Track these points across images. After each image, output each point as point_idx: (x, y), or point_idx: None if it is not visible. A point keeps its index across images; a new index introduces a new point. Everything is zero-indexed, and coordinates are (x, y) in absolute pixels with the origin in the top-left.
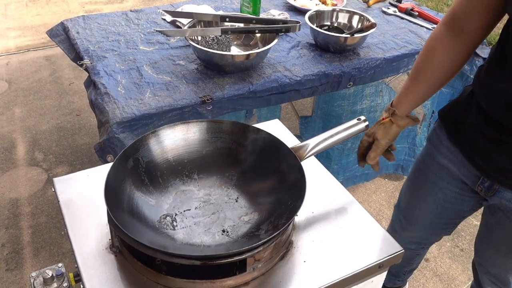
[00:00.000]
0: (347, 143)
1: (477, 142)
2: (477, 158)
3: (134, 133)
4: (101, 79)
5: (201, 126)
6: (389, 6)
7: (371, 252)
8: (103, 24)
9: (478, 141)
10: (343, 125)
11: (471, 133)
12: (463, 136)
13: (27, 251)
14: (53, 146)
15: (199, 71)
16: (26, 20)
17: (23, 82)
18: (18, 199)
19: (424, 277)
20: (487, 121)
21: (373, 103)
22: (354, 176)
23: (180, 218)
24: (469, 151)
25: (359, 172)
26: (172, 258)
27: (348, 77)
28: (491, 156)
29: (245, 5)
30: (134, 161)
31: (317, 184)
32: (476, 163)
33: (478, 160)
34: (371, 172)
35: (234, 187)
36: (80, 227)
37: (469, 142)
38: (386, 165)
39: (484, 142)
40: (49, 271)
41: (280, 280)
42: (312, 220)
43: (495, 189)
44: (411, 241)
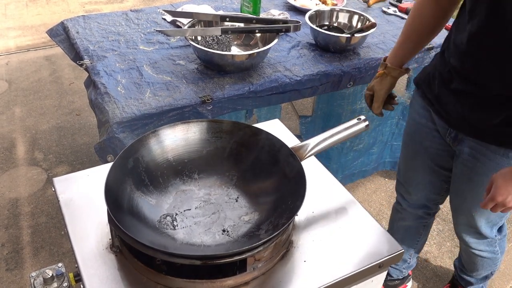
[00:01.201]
0: (346, 142)
1: (443, 96)
2: (443, 111)
3: (134, 133)
4: (101, 79)
5: (201, 126)
6: (389, 6)
7: (371, 252)
8: (103, 24)
9: (444, 95)
10: (343, 125)
11: (438, 89)
12: (432, 93)
13: (27, 251)
14: (53, 146)
15: (199, 71)
16: (26, 20)
17: (23, 82)
18: (18, 199)
19: (424, 277)
20: (450, 74)
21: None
22: (352, 173)
23: (180, 218)
24: (436, 105)
25: (356, 170)
26: (172, 258)
27: (348, 77)
28: (454, 107)
29: (245, 5)
30: (134, 161)
31: (317, 184)
32: (442, 116)
33: (443, 112)
34: (369, 169)
35: (234, 187)
36: (80, 227)
37: (437, 98)
38: (383, 162)
39: (449, 95)
40: (49, 271)
41: (280, 280)
42: (312, 220)
43: (459, 139)
44: (418, 204)
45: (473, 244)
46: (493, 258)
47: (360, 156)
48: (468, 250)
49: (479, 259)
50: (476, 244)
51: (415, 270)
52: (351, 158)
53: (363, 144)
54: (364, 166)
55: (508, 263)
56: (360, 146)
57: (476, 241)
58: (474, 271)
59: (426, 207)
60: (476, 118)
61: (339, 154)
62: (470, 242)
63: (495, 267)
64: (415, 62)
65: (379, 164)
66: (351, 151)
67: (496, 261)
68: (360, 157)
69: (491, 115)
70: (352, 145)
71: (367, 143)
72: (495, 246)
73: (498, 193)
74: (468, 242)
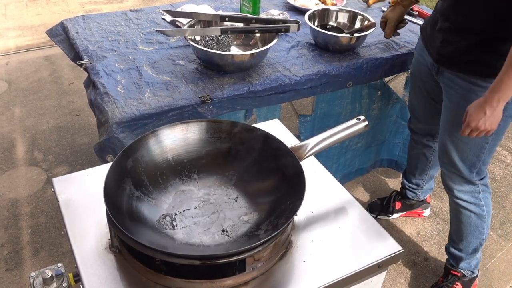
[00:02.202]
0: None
1: (432, 36)
2: (431, 48)
3: (133, 133)
4: (100, 79)
5: (200, 126)
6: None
7: (370, 252)
8: (103, 24)
9: (432, 34)
10: (343, 125)
11: (430, 30)
12: (428, 35)
13: (26, 251)
14: (53, 146)
15: (198, 71)
16: (26, 20)
17: (22, 82)
18: (18, 199)
19: (424, 277)
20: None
21: (371, 102)
22: (350, 172)
23: (180, 218)
24: (429, 44)
25: (354, 168)
26: (171, 258)
27: (348, 77)
28: (435, 43)
29: (245, 4)
30: (133, 161)
31: (316, 184)
32: (429, 51)
33: (431, 49)
34: (366, 166)
35: (234, 187)
36: (79, 227)
37: (429, 38)
38: (380, 160)
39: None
40: (48, 271)
41: (279, 279)
42: (311, 220)
43: (440, 71)
44: (422, 132)
45: (456, 191)
46: (478, 214)
47: (359, 155)
48: (454, 205)
49: (465, 214)
50: (459, 192)
51: (415, 270)
52: (350, 157)
53: (361, 143)
54: (362, 164)
55: (508, 263)
56: (359, 145)
57: (459, 186)
58: (463, 238)
59: (430, 135)
60: (446, 51)
61: (338, 154)
62: (453, 187)
63: (482, 235)
64: None
65: (376, 162)
66: (350, 150)
67: (483, 222)
68: (358, 155)
69: (456, 47)
70: (351, 144)
71: (366, 142)
72: (479, 199)
73: (471, 120)
74: (451, 186)
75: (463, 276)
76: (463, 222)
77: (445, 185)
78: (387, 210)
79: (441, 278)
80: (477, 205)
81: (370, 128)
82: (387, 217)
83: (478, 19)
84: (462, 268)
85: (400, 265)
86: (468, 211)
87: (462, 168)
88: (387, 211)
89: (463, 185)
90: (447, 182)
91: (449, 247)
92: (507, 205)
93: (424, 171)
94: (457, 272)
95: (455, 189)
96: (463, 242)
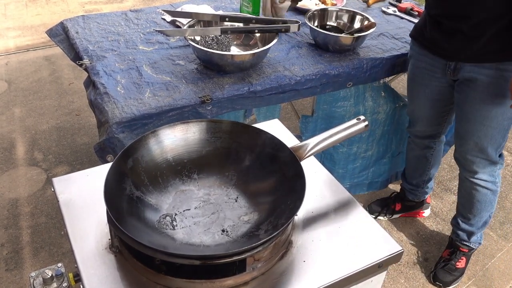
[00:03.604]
0: (352, 147)
1: (436, 38)
2: (439, 49)
3: (133, 133)
4: (100, 79)
5: (200, 126)
6: (389, 6)
7: (370, 252)
8: (103, 24)
9: (437, 36)
10: (343, 125)
11: (430, 33)
12: (428, 39)
13: (26, 251)
14: (53, 146)
15: (198, 71)
16: (25, 20)
17: (22, 82)
18: (18, 199)
19: (424, 277)
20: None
21: (376, 104)
22: (363, 183)
23: (180, 218)
24: (433, 46)
25: (368, 180)
26: (171, 258)
27: (348, 77)
28: (448, 43)
29: (245, 5)
30: (133, 161)
31: (316, 184)
32: (440, 53)
33: (440, 50)
34: (382, 180)
35: (234, 187)
36: (79, 227)
37: (431, 41)
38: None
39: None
40: (48, 271)
41: (279, 280)
42: (311, 220)
43: (458, 67)
44: (423, 135)
45: (479, 174)
46: (494, 190)
47: (371, 166)
48: (471, 185)
49: (482, 192)
50: (481, 174)
51: (415, 270)
52: (360, 166)
53: (371, 151)
54: (376, 177)
55: (508, 263)
56: (369, 153)
57: (482, 169)
58: (476, 214)
59: (430, 136)
60: (466, 45)
61: (346, 159)
62: (477, 171)
63: (493, 208)
64: None
65: (392, 176)
66: (359, 158)
67: (495, 197)
68: (371, 166)
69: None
70: (359, 151)
71: (377, 151)
72: (495, 176)
73: None
74: (475, 170)
75: (469, 250)
76: (479, 199)
77: (466, 171)
78: (387, 211)
79: (446, 251)
80: (493, 183)
81: (379, 137)
82: (387, 217)
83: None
84: (473, 242)
85: (400, 265)
86: (485, 189)
87: (491, 153)
88: (387, 212)
89: (486, 167)
90: (471, 167)
91: (458, 223)
92: (507, 205)
93: (424, 172)
94: (464, 248)
95: (479, 172)
96: (476, 217)
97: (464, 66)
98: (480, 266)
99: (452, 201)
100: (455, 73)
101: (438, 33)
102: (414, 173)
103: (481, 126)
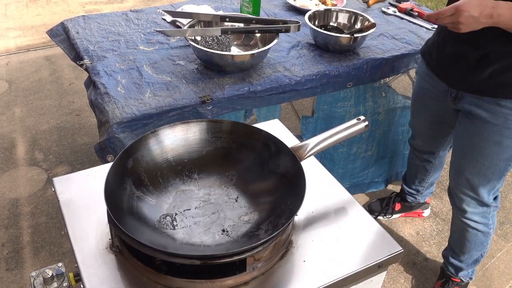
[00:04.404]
0: (352, 147)
1: (441, 61)
2: (443, 74)
3: (134, 133)
4: (101, 79)
5: (201, 126)
6: (389, 6)
7: (370, 252)
8: (103, 24)
9: (441, 59)
10: (343, 125)
11: (437, 55)
12: (434, 60)
13: (27, 251)
14: (53, 146)
15: (199, 71)
16: (26, 20)
17: (23, 82)
18: (18, 199)
19: (424, 277)
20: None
21: (376, 105)
22: (363, 183)
23: (180, 217)
24: (438, 69)
25: (368, 180)
26: (171, 258)
27: (348, 77)
28: (452, 69)
29: (245, 5)
30: (134, 161)
31: (316, 184)
32: (443, 77)
33: (444, 75)
34: (381, 180)
35: (234, 186)
36: (80, 227)
37: (437, 63)
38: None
39: (444, 59)
40: (49, 270)
41: (279, 279)
42: (311, 219)
43: (459, 97)
44: (422, 150)
45: (469, 214)
46: (485, 232)
47: (371, 166)
48: (462, 224)
49: (472, 233)
50: (472, 214)
51: (415, 270)
52: (360, 166)
53: (371, 151)
54: (376, 177)
55: (508, 263)
56: (369, 154)
57: (473, 209)
58: (466, 252)
59: (431, 152)
60: (469, 75)
61: (345, 159)
62: (467, 210)
63: (485, 248)
64: None
65: (392, 176)
66: (359, 158)
67: (488, 238)
68: (370, 166)
69: (480, 72)
70: (359, 151)
71: (377, 151)
72: (489, 218)
73: (465, 7)
74: (465, 209)
75: (461, 281)
76: (469, 239)
77: (457, 208)
78: (386, 211)
79: (438, 282)
80: (486, 225)
81: (379, 137)
82: (386, 217)
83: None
84: (461, 276)
85: (400, 265)
86: (475, 230)
87: (482, 193)
88: (386, 212)
89: (477, 207)
90: (461, 205)
91: (448, 256)
92: (506, 205)
93: (423, 180)
94: (456, 279)
95: (468, 211)
96: (465, 255)
97: (465, 96)
98: (479, 266)
99: None
100: (456, 102)
101: (443, 57)
102: (414, 179)
103: (475, 162)
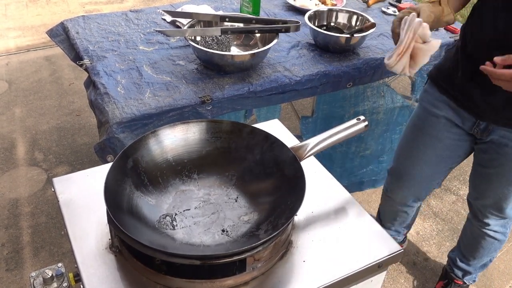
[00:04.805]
0: (351, 146)
1: (469, 90)
2: (471, 104)
3: (134, 133)
4: (100, 79)
5: (200, 126)
6: (389, 6)
7: (370, 252)
8: (103, 24)
9: (470, 89)
10: (343, 125)
11: (463, 83)
12: (456, 88)
13: (27, 251)
14: (53, 146)
15: (199, 71)
16: (26, 20)
17: (23, 82)
18: (18, 199)
19: (424, 277)
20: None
21: (375, 105)
22: (361, 181)
23: (180, 218)
24: (463, 100)
25: (366, 178)
26: (171, 258)
27: (348, 77)
28: (484, 100)
29: (245, 5)
30: (133, 161)
31: (316, 184)
32: (471, 109)
33: (472, 105)
34: (379, 178)
35: (234, 187)
36: (79, 227)
37: (462, 92)
38: None
39: (475, 89)
40: (49, 271)
41: (279, 279)
42: (311, 220)
43: (489, 129)
44: (407, 199)
45: (492, 226)
46: (501, 240)
47: (369, 164)
48: (479, 232)
49: (489, 241)
50: (494, 226)
51: (415, 270)
52: (358, 164)
53: (370, 150)
54: (374, 175)
55: (508, 263)
56: (367, 152)
57: (495, 221)
58: (477, 257)
59: (414, 200)
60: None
61: (343, 158)
62: (489, 223)
63: (495, 253)
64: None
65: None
66: (357, 157)
67: (502, 245)
68: (368, 164)
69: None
70: (357, 150)
71: (375, 150)
72: (507, 228)
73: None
74: (487, 222)
75: (464, 284)
76: (484, 246)
77: (477, 220)
78: None
79: (440, 283)
80: (504, 233)
81: (378, 135)
82: None
83: None
84: (467, 279)
85: (400, 265)
86: (493, 239)
87: (509, 212)
88: None
89: (500, 220)
90: (483, 219)
91: (456, 258)
92: None
93: (402, 224)
94: (460, 281)
95: (491, 224)
96: (476, 260)
97: (496, 129)
98: None
99: (452, 201)
100: (484, 134)
101: (473, 85)
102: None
103: (505, 190)
